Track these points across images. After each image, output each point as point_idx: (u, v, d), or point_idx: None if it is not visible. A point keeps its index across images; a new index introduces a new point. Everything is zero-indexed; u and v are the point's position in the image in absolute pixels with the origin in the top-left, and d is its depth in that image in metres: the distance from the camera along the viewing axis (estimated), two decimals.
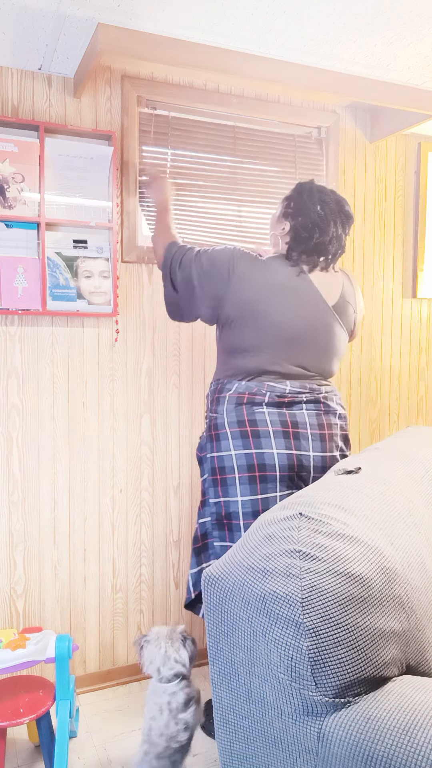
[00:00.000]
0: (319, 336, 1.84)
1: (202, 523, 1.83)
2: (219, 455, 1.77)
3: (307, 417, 1.80)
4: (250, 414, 1.76)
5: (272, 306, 1.78)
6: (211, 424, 1.83)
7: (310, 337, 1.82)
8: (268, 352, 1.80)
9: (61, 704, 1.78)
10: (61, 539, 2.20)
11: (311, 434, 1.79)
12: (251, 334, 1.79)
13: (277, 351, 1.80)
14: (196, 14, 1.72)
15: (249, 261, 1.82)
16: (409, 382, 2.80)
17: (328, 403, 1.86)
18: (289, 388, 1.80)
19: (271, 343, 1.79)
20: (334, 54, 1.95)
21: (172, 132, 2.26)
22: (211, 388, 1.90)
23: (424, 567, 1.27)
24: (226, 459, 1.76)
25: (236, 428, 1.76)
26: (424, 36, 1.84)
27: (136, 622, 2.34)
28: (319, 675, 0.97)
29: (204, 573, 1.18)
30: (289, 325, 1.79)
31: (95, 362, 2.20)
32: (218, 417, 1.80)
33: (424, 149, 2.66)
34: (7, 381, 2.09)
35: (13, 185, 2.00)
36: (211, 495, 1.79)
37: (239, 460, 1.74)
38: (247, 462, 1.73)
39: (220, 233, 2.35)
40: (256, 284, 1.78)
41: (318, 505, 1.23)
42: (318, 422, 1.82)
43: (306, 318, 1.81)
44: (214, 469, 1.79)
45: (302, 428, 1.79)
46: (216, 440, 1.79)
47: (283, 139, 2.43)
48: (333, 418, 1.86)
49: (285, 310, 1.78)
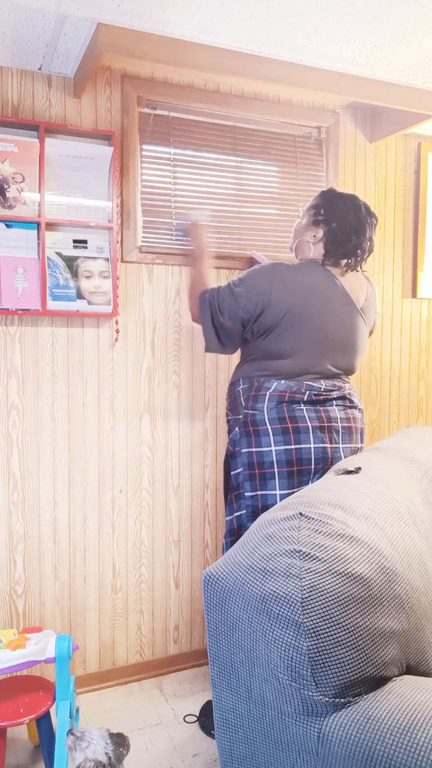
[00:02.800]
0: (350, 336, 1.94)
1: (238, 516, 1.89)
2: (258, 450, 1.84)
3: (337, 412, 1.91)
4: (291, 411, 1.85)
5: (312, 310, 1.86)
6: (247, 420, 1.88)
7: (343, 337, 1.92)
8: (307, 354, 1.88)
9: (61, 704, 1.78)
10: (61, 539, 2.20)
11: (341, 428, 1.90)
12: (292, 338, 1.86)
13: (315, 353, 1.89)
14: (196, 14, 1.72)
15: (287, 269, 1.89)
16: (409, 382, 2.80)
17: (352, 399, 1.97)
18: (324, 386, 1.90)
19: (310, 346, 1.87)
20: (334, 54, 1.95)
21: (172, 132, 2.26)
22: (241, 386, 1.94)
23: (424, 567, 1.27)
24: (266, 454, 1.83)
25: (277, 425, 1.84)
26: (424, 36, 1.84)
27: (136, 622, 2.34)
28: (319, 675, 0.97)
29: (204, 573, 1.18)
30: (327, 328, 1.88)
31: (95, 362, 2.20)
32: (257, 414, 1.86)
33: (424, 149, 2.66)
34: (7, 381, 2.09)
35: (13, 185, 2.00)
36: (247, 488, 1.86)
37: (279, 455, 1.82)
38: (287, 457, 1.82)
39: (219, 233, 2.35)
40: (296, 289, 1.86)
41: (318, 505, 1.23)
42: (345, 416, 1.92)
43: (340, 320, 1.90)
44: (251, 464, 1.85)
45: (334, 423, 1.89)
46: (255, 436, 1.86)
47: (283, 139, 2.43)
48: (356, 412, 1.97)
49: (322, 313, 1.87)
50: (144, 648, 2.36)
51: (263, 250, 2.42)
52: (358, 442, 1.95)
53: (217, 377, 2.39)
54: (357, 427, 1.95)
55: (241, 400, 1.93)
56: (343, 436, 1.89)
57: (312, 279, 1.88)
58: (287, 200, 2.45)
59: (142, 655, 2.36)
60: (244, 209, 2.39)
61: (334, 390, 1.91)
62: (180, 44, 1.83)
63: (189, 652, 2.43)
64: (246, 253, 2.39)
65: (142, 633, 2.35)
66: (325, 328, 1.88)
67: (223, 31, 1.81)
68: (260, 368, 1.92)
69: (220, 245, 2.35)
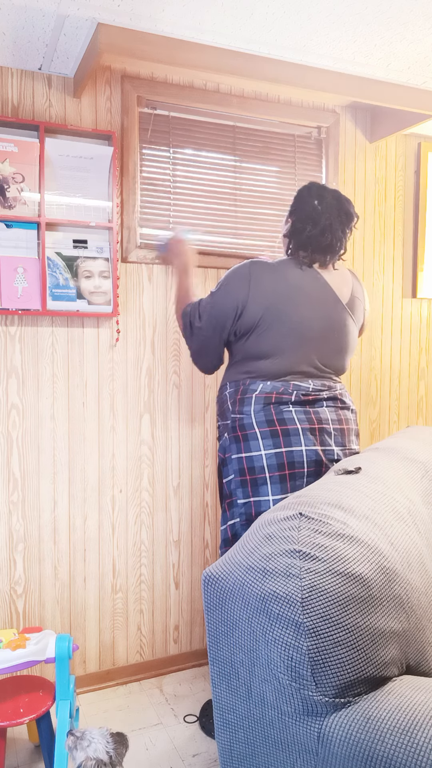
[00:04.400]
0: (336, 334, 1.87)
1: (231, 525, 1.82)
2: (248, 455, 1.78)
3: (328, 413, 1.85)
4: (279, 413, 1.78)
5: (292, 307, 1.80)
6: (235, 425, 1.82)
7: (328, 335, 1.85)
8: (291, 353, 1.82)
9: (61, 704, 1.78)
10: (61, 539, 2.20)
11: (333, 429, 1.84)
12: (274, 337, 1.80)
13: (298, 352, 1.82)
14: (196, 14, 1.72)
15: (265, 267, 1.83)
16: (409, 382, 2.80)
17: (343, 399, 1.91)
18: (312, 386, 1.84)
19: (293, 344, 1.81)
20: (334, 54, 1.95)
21: (172, 132, 2.26)
22: (228, 390, 1.89)
23: (424, 567, 1.27)
24: (256, 459, 1.77)
25: (266, 428, 1.78)
26: (424, 36, 1.84)
27: (136, 622, 2.34)
28: (319, 675, 0.97)
29: (204, 573, 1.18)
30: (309, 325, 1.82)
31: (95, 362, 2.20)
32: (244, 417, 1.80)
33: (424, 149, 2.67)
34: (7, 381, 2.09)
35: (13, 185, 2.00)
36: (239, 496, 1.79)
37: (269, 459, 1.76)
38: (278, 461, 1.75)
39: (219, 233, 2.35)
40: (274, 287, 1.80)
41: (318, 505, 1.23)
42: (337, 418, 1.86)
43: (324, 317, 1.84)
44: (242, 470, 1.79)
45: (325, 424, 1.83)
46: (243, 441, 1.80)
47: (283, 139, 2.43)
48: (348, 413, 1.91)
49: (304, 310, 1.81)
50: (144, 648, 2.36)
51: (263, 251, 2.43)
52: (352, 444, 1.89)
53: (217, 377, 2.39)
54: (350, 428, 1.89)
55: (228, 404, 1.88)
56: (336, 438, 1.83)
57: (291, 276, 1.82)
58: (287, 200, 2.45)
59: (142, 655, 2.36)
60: (244, 209, 2.39)
61: (323, 390, 1.86)
62: (180, 44, 1.83)
63: (189, 652, 2.43)
64: (245, 253, 2.39)
65: (142, 633, 2.35)
66: (307, 324, 1.81)
67: (223, 31, 1.81)
68: (244, 370, 1.86)
69: (219, 245, 2.35)
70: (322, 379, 1.88)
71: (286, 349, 1.81)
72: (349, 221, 1.86)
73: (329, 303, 1.85)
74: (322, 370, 1.88)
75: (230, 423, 1.84)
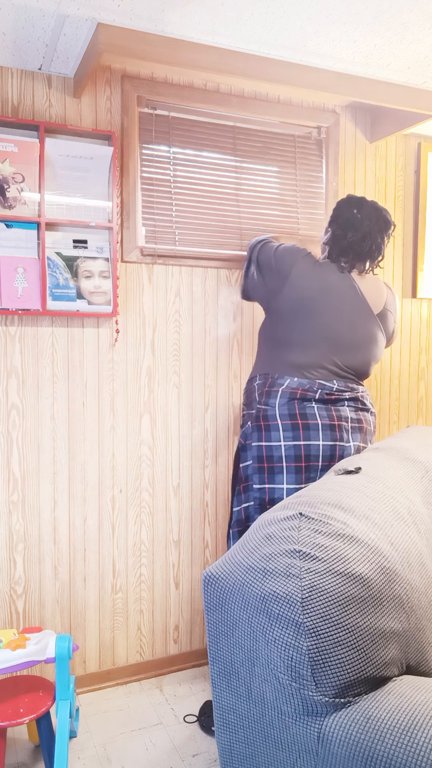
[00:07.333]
0: (363, 342, 1.99)
1: (245, 507, 1.94)
2: (267, 444, 1.90)
3: (348, 412, 1.96)
4: (302, 408, 1.91)
5: (324, 306, 1.93)
6: (259, 414, 1.94)
7: (354, 341, 1.97)
8: (316, 349, 1.94)
9: (61, 704, 1.78)
10: (61, 539, 2.20)
11: (351, 427, 1.95)
12: (301, 328, 1.94)
13: (324, 350, 1.95)
14: (196, 14, 1.72)
15: (310, 261, 1.99)
16: (409, 382, 2.80)
17: (364, 401, 2.03)
18: (336, 386, 1.95)
19: (318, 341, 1.94)
20: (334, 54, 1.95)
21: (172, 132, 2.26)
22: (257, 381, 2.01)
23: (424, 567, 1.27)
24: (275, 449, 1.89)
25: (288, 421, 1.90)
26: (424, 36, 1.84)
27: (136, 622, 2.34)
28: (319, 675, 0.97)
29: (204, 573, 1.18)
30: (337, 327, 1.94)
31: (95, 362, 2.20)
32: (269, 409, 1.93)
33: (424, 149, 2.66)
34: (7, 381, 2.09)
35: (13, 185, 2.00)
36: (255, 481, 1.91)
37: (288, 450, 1.88)
38: (296, 453, 1.87)
39: (219, 233, 2.35)
40: (312, 283, 1.94)
41: (318, 505, 1.23)
42: (356, 417, 1.98)
43: (352, 323, 1.96)
44: (261, 457, 1.91)
45: (345, 422, 1.94)
46: (265, 430, 1.91)
47: (283, 139, 2.43)
48: (368, 415, 2.04)
49: (334, 312, 1.94)
50: (144, 648, 2.36)
51: None
52: (367, 442, 2.00)
53: (217, 377, 2.39)
54: (368, 428, 2.00)
55: (255, 395, 2.00)
56: (353, 433, 1.94)
57: (329, 277, 1.95)
58: (286, 201, 2.45)
59: (142, 655, 2.36)
60: (244, 209, 2.39)
61: (346, 391, 1.96)
62: (180, 44, 1.83)
63: (189, 652, 2.43)
64: (245, 253, 2.38)
65: (142, 633, 2.35)
66: (335, 326, 1.93)
67: (223, 31, 1.81)
68: (274, 362, 1.98)
69: (219, 245, 2.35)
70: (346, 380, 2.00)
71: (311, 343, 1.94)
72: (387, 228, 2.00)
73: (360, 312, 1.97)
74: (347, 371, 1.99)
75: (255, 412, 1.97)
